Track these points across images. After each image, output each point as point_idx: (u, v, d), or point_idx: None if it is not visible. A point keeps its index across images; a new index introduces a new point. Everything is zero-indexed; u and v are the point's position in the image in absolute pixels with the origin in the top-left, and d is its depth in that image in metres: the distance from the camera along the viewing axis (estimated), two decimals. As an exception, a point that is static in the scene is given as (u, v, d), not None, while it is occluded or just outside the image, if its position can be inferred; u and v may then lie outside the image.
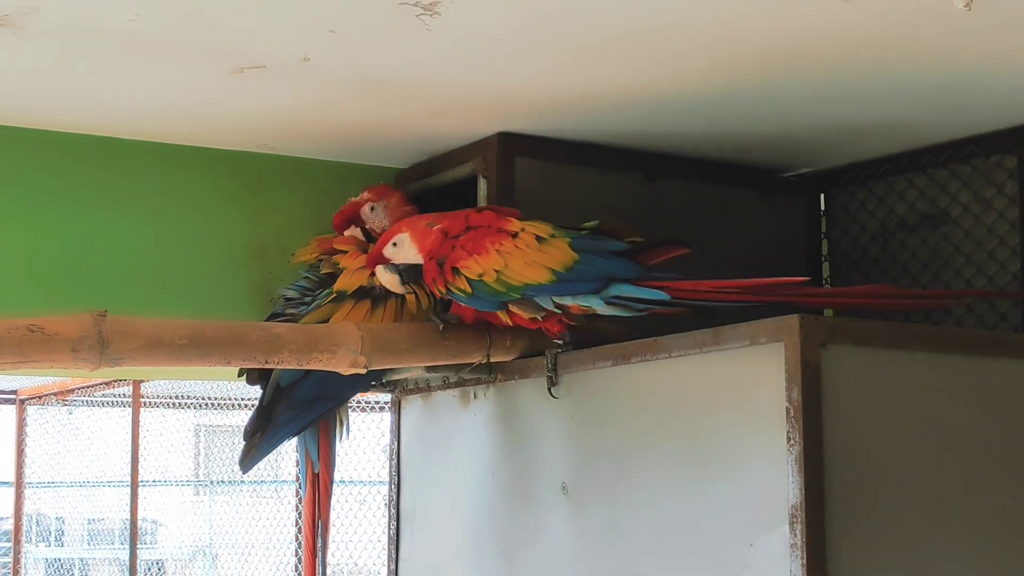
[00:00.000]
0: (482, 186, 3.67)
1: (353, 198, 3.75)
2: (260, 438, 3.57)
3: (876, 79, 3.27)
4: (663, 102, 3.43)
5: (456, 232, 3.39)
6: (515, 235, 3.33)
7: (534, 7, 2.80)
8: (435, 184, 3.85)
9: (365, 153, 3.85)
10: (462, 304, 3.40)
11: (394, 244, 3.45)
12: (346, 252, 3.65)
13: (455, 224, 3.41)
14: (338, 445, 3.77)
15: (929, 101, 3.45)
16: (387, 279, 3.47)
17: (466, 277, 3.33)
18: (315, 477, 3.71)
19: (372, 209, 3.70)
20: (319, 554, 3.70)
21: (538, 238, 3.32)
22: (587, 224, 3.42)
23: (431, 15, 2.81)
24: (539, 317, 3.35)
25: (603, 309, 3.31)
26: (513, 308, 3.34)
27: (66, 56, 3.06)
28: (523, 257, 3.31)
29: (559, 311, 3.32)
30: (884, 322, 3.78)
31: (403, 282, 3.46)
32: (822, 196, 4.16)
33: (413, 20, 2.83)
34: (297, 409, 3.56)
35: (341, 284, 3.58)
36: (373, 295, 3.56)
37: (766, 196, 4.07)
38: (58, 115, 3.51)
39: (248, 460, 3.60)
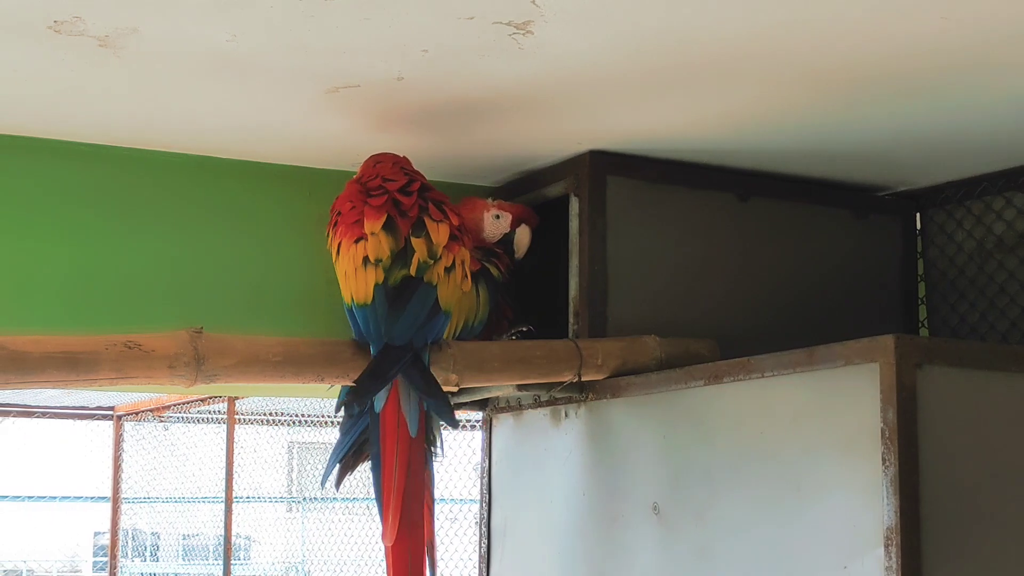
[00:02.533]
0: (574, 205, 3.66)
1: None
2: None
3: (973, 96, 3.23)
4: (757, 121, 3.41)
5: (369, 186, 3.39)
6: (359, 240, 3.30)
7: (628, 26, 2.80)
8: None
9: (457, 171, 3.87)
10: None
11: None
12: None
13: (371, 180, 3.41)
14: (435, 464, 3.76)
15: (1028, 119, 3.40)
16: None
17: (329, 236, 3.40)
18: None
19: None
20: (429, 573, 3.66)
21: (365, 259, 3.28)
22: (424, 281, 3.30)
23: (524, 34, 2.82)
24: None
25: None
26: None
27: (164, 76, 3.10)
28: (344, 265, 3.33)
29: None
30: (981, 343, 3.74)
31: None
32: (918, 215, 4.11)
33: (506, 39, 2.84)
34: (355, 417, 3.56)
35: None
36: None
37: (861, 215, 4.04)
38: (154, 134, 3.55)
39: (324, 474, 3.60)
